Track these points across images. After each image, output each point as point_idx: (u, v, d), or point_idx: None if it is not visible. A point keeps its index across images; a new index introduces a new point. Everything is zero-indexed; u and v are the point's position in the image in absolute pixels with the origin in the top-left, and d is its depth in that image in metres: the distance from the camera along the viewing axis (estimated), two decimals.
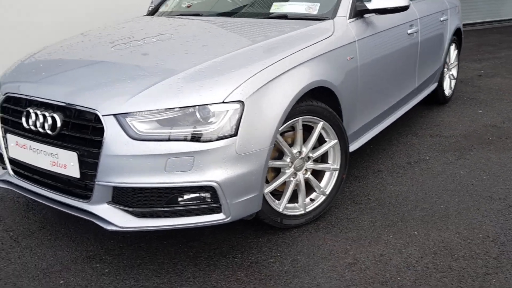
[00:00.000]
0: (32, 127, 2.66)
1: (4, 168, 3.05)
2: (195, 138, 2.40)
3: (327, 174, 3.17)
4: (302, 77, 2.79)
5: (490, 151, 4.34)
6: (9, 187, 3.00)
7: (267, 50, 2.81)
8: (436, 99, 5.65)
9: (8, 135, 2.81)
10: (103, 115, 2.44)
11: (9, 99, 2.86)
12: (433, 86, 5.31)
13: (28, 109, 2.69)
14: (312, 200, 3.12)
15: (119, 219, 2.50)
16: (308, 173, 3.06)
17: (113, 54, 2.98)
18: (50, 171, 2.64)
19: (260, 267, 2.69)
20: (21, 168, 2.85)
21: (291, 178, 2.96)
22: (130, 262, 2.77)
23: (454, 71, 5.96)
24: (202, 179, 2.42)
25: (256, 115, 2.52)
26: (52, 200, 2.76)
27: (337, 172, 3.16)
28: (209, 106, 2.42)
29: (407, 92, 4.40)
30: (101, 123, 2.44)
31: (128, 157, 2.40)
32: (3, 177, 3.01)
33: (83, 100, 2.51)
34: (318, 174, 3.13)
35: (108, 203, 2.54)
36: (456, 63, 5.97)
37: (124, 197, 2.51)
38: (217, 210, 2.52)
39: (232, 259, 2.77)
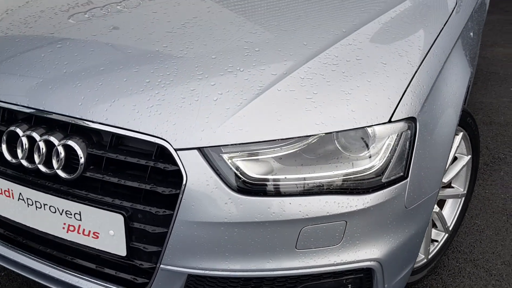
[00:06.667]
0: (25, 163, 1.49)
1: None
2: (349, 187, 1.36)
3: (449, 203, 2.25)
4: (461, 65, 1.80)
5: None
6: None
7: (410, 24, 1.77)
8: None
9: None
10: (177, 149, 1.32)
11: None
12: None
13: (14, 128, 1.49)
14: (432, 241, 2.19)
15: None
16: (435, 205, 2.11)
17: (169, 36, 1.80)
18: (63, 239, 1.50)
19: None
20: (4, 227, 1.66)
21: None
22: None
23: None
24: (356, 258, 1.40)
25: (428, 139, 1.50)
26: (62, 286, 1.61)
27: (463, 198, 2.24)
28: (368, 129, 1.37)
29: None
30: (175, 163, 1.33)
31: (228, 226, 1.32)
32: None
33: (133, 121, 1.36)
34: (438, 205, 2.20)
35: None
36: None
37: None
38: None
39: None
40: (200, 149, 1.31)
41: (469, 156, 2.15)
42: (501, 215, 2.66)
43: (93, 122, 1.40)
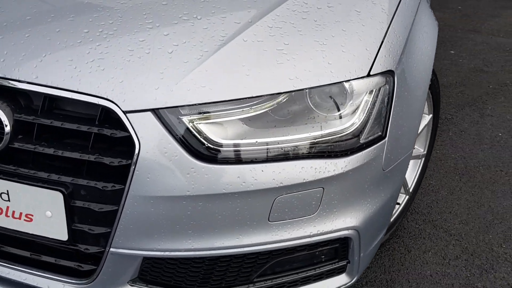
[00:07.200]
0: None
1: None
2: (326, 150, 1.20)
3: (410, 164, 2.17)
4: (430, 17, 1.68)
5: (504, 103, 3.69)
6: None
7: None
8: None
9: None
10: (127, 112, 1.10)
11: None
12: None
13: None
14: None
15: None
16: None
17: None
18: None
19: None
20: None
21: None
22: None
23: None
24: (333, 228, 1.26)
25: (405, 95, 1.38)
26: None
27: (423, 159, 2.18)
28: (345, 84, 1.22)
29: None
30: (124, 129, 1.11)
31: (191, 200, 1.13)
32: None
33: (71, 79, 1.12)
34: None
35: (133, 283, 1.26)
36: None
37: (169, 273, 1.25)
38: (339, 271, 1.40)
39: None
40: (154, 111, 1.11)
41: (431, 115, 2.07)
42: (453, 174, 2.64)
43: (19, 81, 1.15)
